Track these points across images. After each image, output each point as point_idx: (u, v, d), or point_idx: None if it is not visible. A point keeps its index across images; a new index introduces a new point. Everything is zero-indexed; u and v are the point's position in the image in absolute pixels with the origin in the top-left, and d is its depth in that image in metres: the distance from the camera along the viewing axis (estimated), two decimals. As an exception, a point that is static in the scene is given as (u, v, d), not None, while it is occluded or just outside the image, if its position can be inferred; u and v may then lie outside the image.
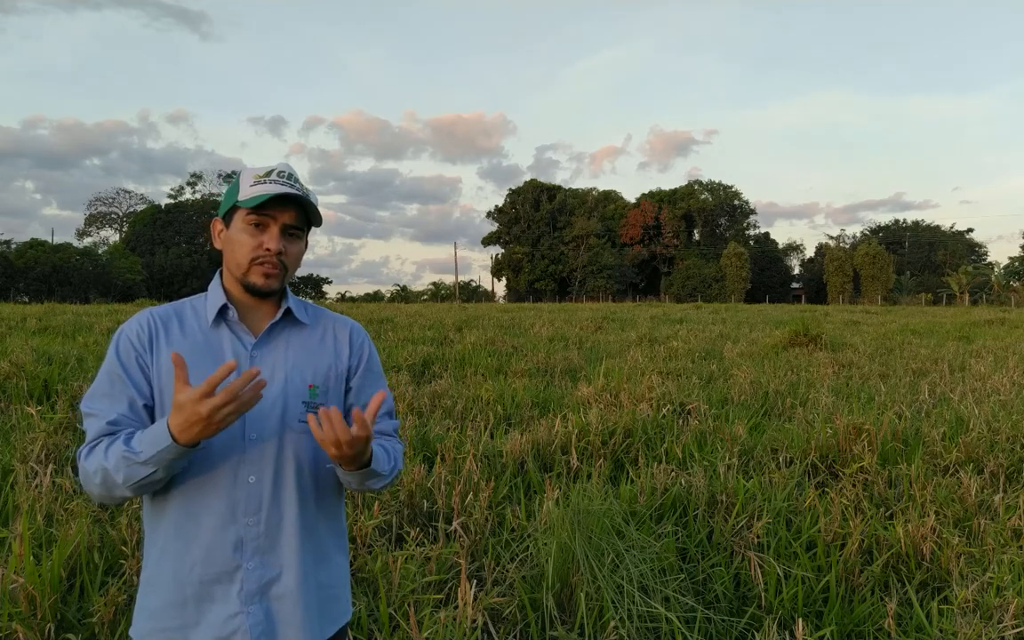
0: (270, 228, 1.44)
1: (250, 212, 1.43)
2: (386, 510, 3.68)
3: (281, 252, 1.44)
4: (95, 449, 1.35)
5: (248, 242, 1.44)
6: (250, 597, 1.39)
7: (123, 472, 1.29)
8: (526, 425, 5.75)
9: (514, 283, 71.81)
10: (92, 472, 1.32)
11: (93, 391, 1.41)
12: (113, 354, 1.42)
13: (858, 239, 72.16)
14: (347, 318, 1.64)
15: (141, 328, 1.44)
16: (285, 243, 1.46)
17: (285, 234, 1.46)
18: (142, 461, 1.28)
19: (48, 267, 48.35)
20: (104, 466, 1.31)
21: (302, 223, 1.49)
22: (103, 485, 1.32)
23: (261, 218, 1.43)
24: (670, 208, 68.55)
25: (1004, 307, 39.77)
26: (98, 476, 1.32)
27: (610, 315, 22.11)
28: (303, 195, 1.45)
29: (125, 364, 1.41)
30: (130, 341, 1.42)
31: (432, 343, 12.42)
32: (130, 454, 1.29)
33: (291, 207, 1.46)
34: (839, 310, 33.49)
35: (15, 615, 2.61)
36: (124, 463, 1.29)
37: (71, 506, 3.63)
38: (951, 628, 2.78)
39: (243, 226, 1.44)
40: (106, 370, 1.42)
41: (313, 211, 1.49)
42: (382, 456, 1.48)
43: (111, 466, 1.30)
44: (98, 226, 69.45)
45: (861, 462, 4.50)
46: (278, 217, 1.44)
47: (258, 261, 1.43)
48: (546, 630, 2.81)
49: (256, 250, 1.43)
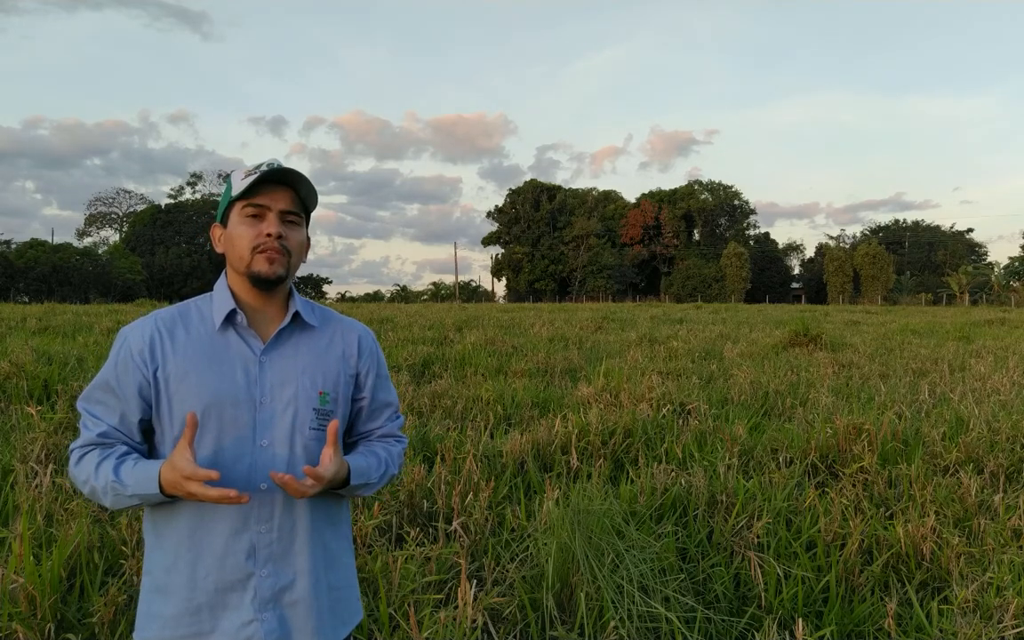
0: (267, 216, 1.44)
1: (246, 204, 1.43)
2: (386, 510, 3.68)
3: (282, 236, 1.44)
4: (85, 458, 1.39)
5: (247, 233, 1.43)
6: (264, 604, 1.39)
7: (110, 497, 1.35)
8: (526, 425, 5.75)
9: (514, 283, 71.81)
10: (81, 480, 1.39)
11: (90, 393, 1.43)
12: (112, 365, 1.43)
13: (858, 239, 72.17)
14: (355, 321, 1.64)
15: (144, 341, 1.42)
16: (285, 229, 1.45)
17: (283, 220, 1.45)
18: (128, 494, 1.34)
19: (48, 267, 48.33)
20: (93, 484, 1.36)
21: (299, 209, 1.48)
22: (91, 494, 1.39)
23: (257, 209, 1.43)
24: (670, 208, 68.55)
25: (1004, 307, 39.79)
26: (86, 487, 1.39)
27: (610, 315, 22.09)
28: (295, 171, 1.44)
29: (121, 379, 1.41)
30: (131, 355, 1.41)
31: (432, 343, 12.41)
32: (118, 486, 1.34)
33: (285, 192, 1.45)
34: (839, 310, 33.49)
35: (15, 615, 2.61)
36: (111, 490, 1.34)
37: (71, 506, 3.63)
38: (951, 628, 2.78)
39: (240, 219, 1.44)
40: (104, 377, 1.43)
41: (308, 189, 1.48)
42: (365, 466, 1.49)
43: (99, 487, 1.35)
44: (98, 226, 69.47)
45: (861, 462, 4.50)
46: (273, 204, 1.44)
47: (259, 248, 1.42)
48: (546, 630, 2.81)
49: (256, 239, 1.43)
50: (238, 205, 1.44)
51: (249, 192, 1.42)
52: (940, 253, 67.83)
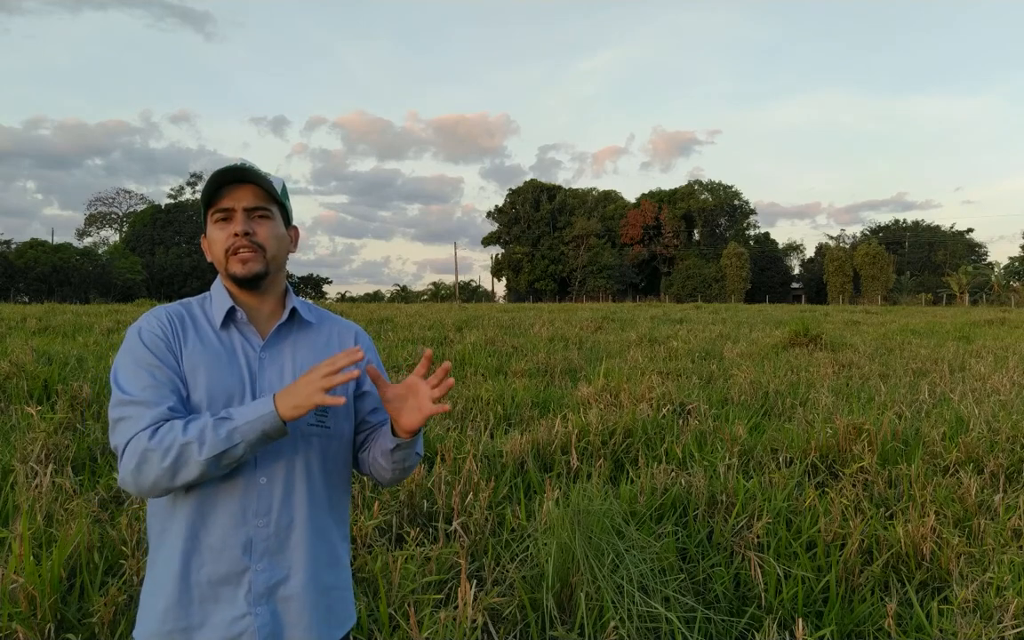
0: (234, 217, 1.45)
1: (213, 209, 1.45)
2: (386, 510, 3.68)
3: (249, 233, 1.44)
4: (161, 429, 1.30)
5: (219, 237, 1.45)
6: (257, 599, 1.39)
7: (208, 444, 1.27)
8: (526, 425, 5.75)
9: (514, 283, 71.82)
10: (164, 449, 1.28)
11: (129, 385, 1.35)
12: (140, 346, 1.38)
13: (858, 239, 72.17)
14: (351, 322, 1.65)
15: (162, 322, 1.43)
16: (252, 225, 1.45)
17: (250, 217, 1.46)
18: (233, 426, 1.29)
19: (48, 267, 48.35)
20: (182, 440, 1.28)
21: (265, 203, 1.47)
22: (174, 463, 1.28)
23: (223, 212, 1.45)
24: (670, 208, 68.56)
25: (1004, 307, 39.79)
26: (171, 453, 1.28)
27: (610, 315, 22.10)
28: (244, 162, 1.44)
29: (158, 354, 1.38)
30: (155, 334, 1.40)
31: (432, 343, 12.42)
32: (219, 422, 1.29)
33: (246, 189, 1.45)
34: (839, 310, 33.49)
35: (15, 615, 2.61)
36: (211, 432, 1.28)
37: (71, 506, 3.63)
38: (951, 628, 2.78)
39: (212, 225, 1.47)
40: (138, 364, 1.37)
41: (264, 180, 1.45)
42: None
43: (194, 437, 1.28)
44: (98, 226, 69.53)
45: (861, 462, 4.50)
46: (236, 204, 1.45)
47: (231, 249, 1.44)
48: (546, 630, 2.81)
49: (227, 241, 1.44)
50: (209, 213, 1.47)
51: (213, 198, 1.45)
52: (940, 253, 67.83)
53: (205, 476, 1.31)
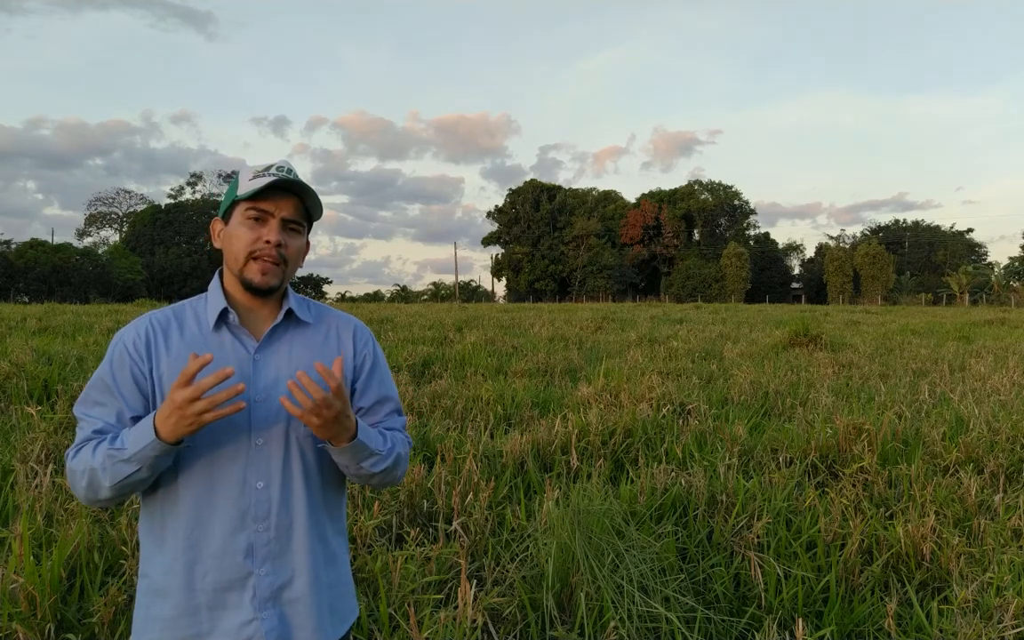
0: (269, 221, 1.43)
1: (249, 205, 1.42)
2: (386, 510, 3.68)
3: (281, 244, 1.42)
4: (82, 450, 1.35)
5: (246, 235, 1.42)
6: (263, 603, 1.39)
7: (109, 471, 1.30)
8: (526, 425, 5.75)
9: (514, 283, 71.81)
10: (79, 472, 1.34)
11: (85, 396, 1.41)
12: (107, 363, 1.41)
13: (858, 239, 72.16)
14: (351, 316, 1.62)
15: (139, 336, 1.42)
16: (285, 236, 1.44)
17: (285, 228, 1.44)
18: (126, 457, 1.29)
19: (48, 267, 48.34)
20: (91, 466, 1.32)
21: (302, 218, 1.48)
22: (89, 486, 1.34)
23: (260, 212, 1.42)
24: (670, 208, 68.55)
25: (1004, 307, 39.78)
26: (84, 477, 1.33)
27: (610, 315, 22.10)
28: (303, 183, 1.43)
29: (116, 375, 1.40)
30: (126, 350, 1.41)
31: (432, 343, 12.41)
32: (114, 451, 1.30)
33: (290, 200, 1.44)
34: (839, 310, 33.49)
35: (15, 615, 2.61)
36: (110, 461, 1.30)
37: (71, 506, 3.63)
38: (951, 628, 2.78)
39: (242, 220, 1.43)
40: (99, 377, 1.41)
41: (314, 201, 1.47)
42: (374, 434, 1.47)
43: (98, 465, 1.31)
44: (98, 226, 69.51)
45: (861, 462, 4.50)
46: (277, 210, 1.43)
47: (255, 255, 1.41)
48: (546, 630, 2.81)
49: (254, 244, 1.41)
50: (242, 205, 1.43)
51: (255, 195, 1.41)
52: (940, 253, 67.82)
53: (124, 495, 1.34)
